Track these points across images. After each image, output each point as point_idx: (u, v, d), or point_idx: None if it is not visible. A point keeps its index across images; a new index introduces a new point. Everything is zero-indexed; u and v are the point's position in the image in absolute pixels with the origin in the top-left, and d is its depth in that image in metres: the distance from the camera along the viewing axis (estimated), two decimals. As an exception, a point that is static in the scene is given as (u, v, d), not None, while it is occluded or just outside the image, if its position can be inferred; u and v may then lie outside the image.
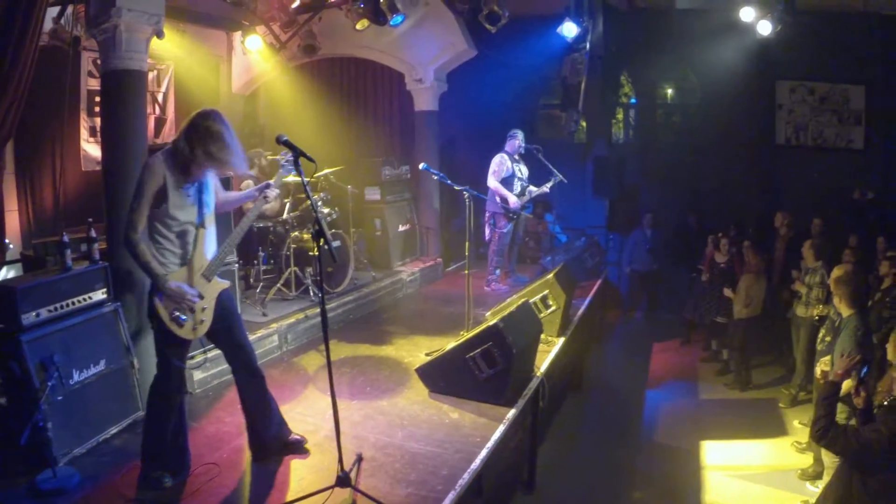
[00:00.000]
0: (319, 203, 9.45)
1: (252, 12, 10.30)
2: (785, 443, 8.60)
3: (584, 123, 14.35)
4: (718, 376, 10.88)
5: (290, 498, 4.58)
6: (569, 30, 11.60)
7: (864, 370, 4.79)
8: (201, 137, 4.48)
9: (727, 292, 10.48)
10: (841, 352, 6.36)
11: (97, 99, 9.31)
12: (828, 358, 6.83)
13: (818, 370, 6.89)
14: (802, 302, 9.26)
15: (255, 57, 11.43)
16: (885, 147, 13.09)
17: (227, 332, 4.99)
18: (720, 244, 11.20)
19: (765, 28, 11.30)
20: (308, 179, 5.02)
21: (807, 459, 7.90)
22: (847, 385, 5.06)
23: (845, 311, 6.64)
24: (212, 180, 4.86)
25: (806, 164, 13.41)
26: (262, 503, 4.66)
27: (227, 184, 7.20)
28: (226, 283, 4.97)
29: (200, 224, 4.71)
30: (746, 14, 11.15)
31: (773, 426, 9.15)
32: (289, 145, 4.73)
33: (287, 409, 5.64)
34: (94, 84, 9.44)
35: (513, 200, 10.30)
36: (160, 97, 10.99)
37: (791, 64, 13.28)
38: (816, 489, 7.18)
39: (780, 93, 13.64)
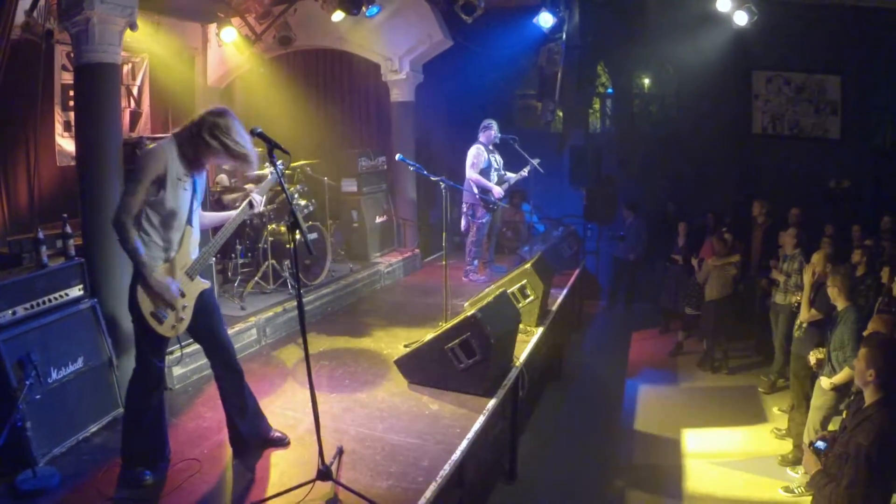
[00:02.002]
0: (296, 195, 9.43)
1: (227, 4, 10.26)
2: (764, 429, 8.72)
3: (560, 113, 14.39)
4: (698, 365, 10.97)
5: (271, 493, 4.58)
6: (545, 20, 11.62)
7: None
8: (221, 131, 4.48)
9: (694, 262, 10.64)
10: (840, 343, 6.44)
11: (71, 93, 9.21)
12: (821, 349, 6.93)
13: (812, 358, 6.97)
14: (780, 289, 9.36)
15: (230, 49, 11.36)
16: (861, 137, 13.22)
17: (207, 329, 4.95)
18: (680, 231, 11.31)
19: (741, 18, 11.34)
20: (283, 171, 5.00)
21: (786, 445, 8.02)
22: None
23: (841, 304, 6.74)
24: (202, 183, 4.82)
25: (782, 154, 13.51)
26: (243, 498, 4.64)
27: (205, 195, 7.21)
28: (207, 284, 4.94)
29: (189, 222, 4.68)
30: (723, 4, 11.18)
31: (752, 413, 9.26)
32: (263, 137, 4.69)
33: (267, 403, 5.64)
34: (68, 78, 9.32)
35: (497, 190, 10.32)
36: (135, 90, 10.89)
37: (767, 54, 13.37)
38: (797, 475, 7.29)
39: (757, 83, 13.74)
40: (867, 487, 4.00)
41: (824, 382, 6.53)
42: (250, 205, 5.03)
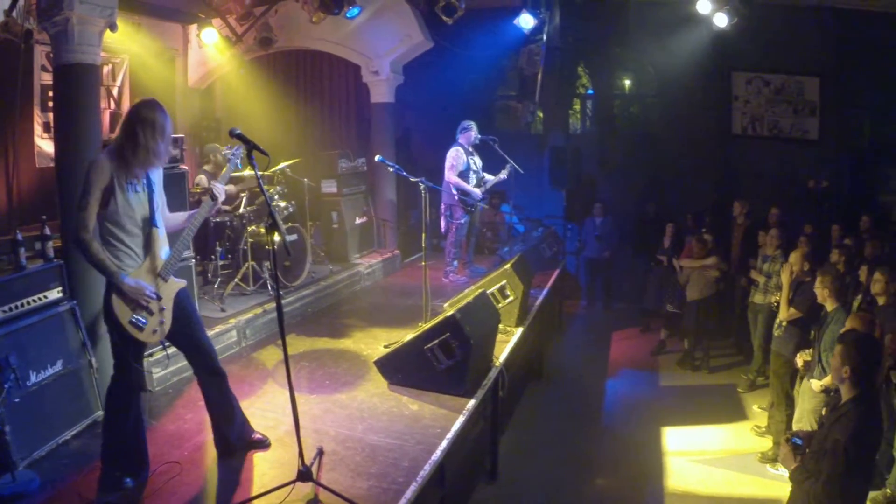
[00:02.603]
0: (276, 197, 9.43)
1: (208, 5, 10.24)
2: (744, 427, 8.81)
3: (540, 114, 14.44)
4: (678, 364, 11.05)
5: (251, 494, 4.59)
6: (525, 21, 11.68)
7: None
8: (134, 124, 4.46)
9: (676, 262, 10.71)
10: (830, 344, 6.50)
11: (51, 94, 9.15)
12: (808, 351, 7.00)
13: (800, 360, 7.04)
14: (760, 289, 9.45)
15: (210, 50, 11.35)
16: (839, 137, 13.37)
17: (186, 332, 4.93)
18: (666, 231, 11.38)
19: (721, 20, 11.44)
20: (262, 173, 5.00)
21: (766, 443, 8.13)
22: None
23: (830, 305, 6.82)
24: (159, 182, 4.78)
25: (762, 154, 13.63)
26: (223, 500, 4.65)
27: (180, 181, 7.18)
28: (182, 283, 4.90)
29: (153, 223, 4.65)
30: (703, 6, 11.27)
31: (732, 411, 9.36)
32: (242, 139, 4.69)
33: (247, 405, 5.64)
34: (48, 78, 9.26)
35: (476, 193, 10.37)
36: (115, 91, 10.83)
37: (747, 56, 13.49)
38: (777, 472, 7.36)
39: (736, 84, 13.86)
40: (845, 481, 4.06)
41: (815, 385, 6.57)
42: (212, 197, 4.96)
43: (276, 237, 4.60)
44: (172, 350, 5.33)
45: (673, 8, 12.85)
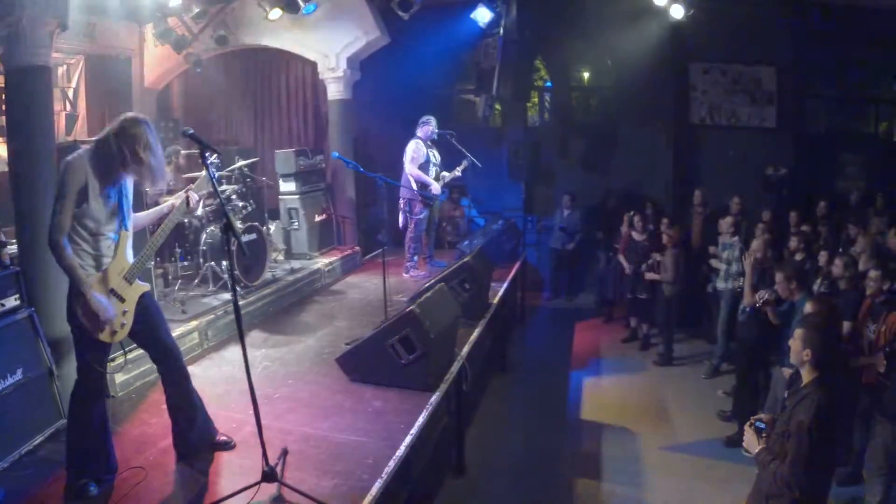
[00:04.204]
0: (234, 196, 9.39)
1: (163, 3, 10.15)
2: (709, 412, 8.95)
3: (499, 108, 14.50)
4: (640, 351, 11.21)
5: (217, 497, 4.58)
6: (482, 15, 11.72)
7: None
8: (131, 140, 4.42)
9: (648, 275, 10.77)
10: None
11: (3, 96, 9.04)
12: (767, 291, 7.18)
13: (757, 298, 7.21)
14: (721, 276, 9.62)
15: (167, 49, 11.21)
16: (796, 125, 13.62)
17: (150, 333, 4.93)
18: (634, 222, 11.49)
19: (677, 11, 11.60)
20: (218, 173, 5.00)
21: (731, 427, 8.26)
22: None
23: (797, 295, 6.95)
24: (130, 185, 4.77)
25: (720, 143, 13.85)
26: (189, 504, 4.66)
27: (140, 198, 7.11)
28: (147, 286, 4.91)
29: (124, 226, 4.65)
30: (659, -3, 11.41)
31: (696, 397, 9.55)
32: (194, 139, 4.68)
33: (211, 406, 5.62)
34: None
35: (435, 186, 10.41)
36: (71, 93, 10.72)
37: (703, 46, 13.70)
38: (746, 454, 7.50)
39: (694, 74, 14.06)
40: (810, 462, 4.15)
41: (785, 372, 6.69)
42: (187, 203, 4.97)
43: (231, 236, 4.59)
44: (133, 355, 5.31)
45: (629, 0, 12.97)
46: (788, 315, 7.10)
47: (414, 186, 10.34)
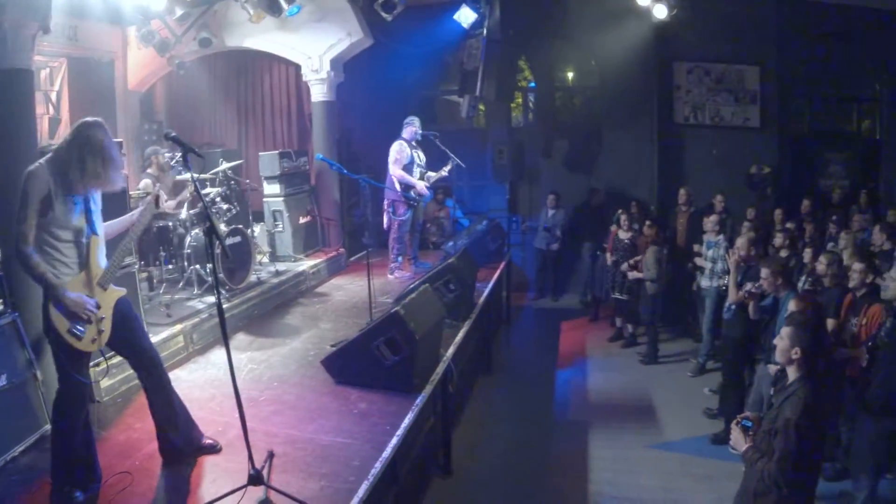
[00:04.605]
0: (218, 199, 9.37)
1: (146, 5, 10.11)
2: (696, 410, 8.97)
3: (482, 108, 14.51)
4: (626, 350, 11.25)
5: (203, 501, 4.59)
6: (465, 16, 11.75)
7: None
8: (82, 147, 4.40)
9: (631, 273, 10.81)
10: None
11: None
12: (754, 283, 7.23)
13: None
14: (706, 274, 9.66)
15: (150, 52, 11.16)
16: (780, 124, 13.72)
17: (128, 338, 4.91)
18: (620, 221, 11.54)
19: (661, 11, 11.63)
20: (200, 175, 4.98)
21: (718, 424, 8.29)
22: None
23: (782, 291, 6.99)
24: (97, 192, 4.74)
25: (704, 142, 13.93)
26: (176, 509, 4.64)
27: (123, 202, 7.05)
28: (122, 291, 4.88)
29: (93, 232, 4.62)
30: (643, -3, 11.46)
31: (682, 395, 9.56)
32: (177, 142, 4.69)
33: (196, 410, 5.61)
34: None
35: (420, 186, 10.42)
36: (53, 96, 10.66)
37: (687, 46, 13.78)
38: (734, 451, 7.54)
39: (678, 74, 14.12)
40: (797, 459, 4.17)
41: (771, 369, 6.72)
42: (156, 202, 4.95)
43: (214, 239, 4.57)
44: (117, 359, 5.28)
45: (613, 0, 13.02)
46: (770, 311, 7.16)
47: (397, 188, 10.35)
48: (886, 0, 11.93)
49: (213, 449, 5.34)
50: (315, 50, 11.94)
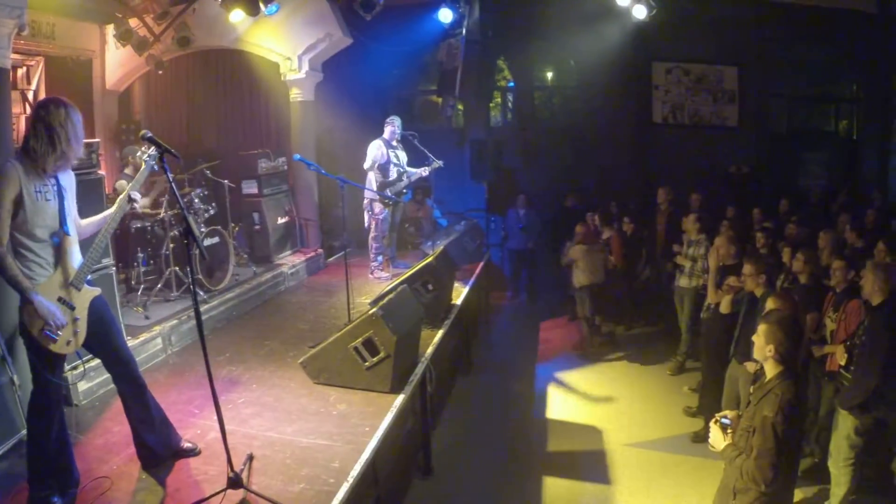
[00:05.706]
0: (196, 199, 9.32)
1: (124, 4, 10.04)
2: (676, 409, 9.02)
3: (461, 108, 14.53)
4: (602, 347, 11.27)
5: (183, 504, 4.57)
6: (445, 16, 11.79)
7: None
8: (49, 125, 4.37)
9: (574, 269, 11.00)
10: None
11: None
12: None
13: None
14: (685, 274, 9.72)
15: (128, 51, 11.08)
16: (758, 124, 13.82)
17: (103, 340, 4.86)
18: (595, 220, 11.59)
19: (640, 12, 11.68)
20: (178, 176, 4.95)
21: (698, 423, 8.36)
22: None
23: (759, 291, 7.03)
24: (70, 188, 4.70)
25: (683, 142, 14.02)
26: (154, 513, 4.62)
27: (97, 186, 7.00)
28: (97, 290, 4.82)
29: (65, 231, 4.55)
30: (622, -2, 11.51)
31: (662, 394, 9.62)
32: (153, 142, 4.66)
33: (174, 413, 5.60)
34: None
35: (380, 184, 10.47)
36: (30, 95, 10.57)
37: (666, 46, 13.88)
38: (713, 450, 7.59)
39: (656, 74, 14.22)
40: (776, 456, 4.20)
41: (749, 367, 6.76)
42: (129, 199, 4.87)
43: (191, 240, 4.55)
44: (94, 362, 5.24)
45: (592, 0, 13.06)
46: (751, 307, 7.19)
47: (374, 187, 10.34)
48: (863, 2, 12.05)
49: (192, 452, 5.31)
50: (294, 49, 11.89)
